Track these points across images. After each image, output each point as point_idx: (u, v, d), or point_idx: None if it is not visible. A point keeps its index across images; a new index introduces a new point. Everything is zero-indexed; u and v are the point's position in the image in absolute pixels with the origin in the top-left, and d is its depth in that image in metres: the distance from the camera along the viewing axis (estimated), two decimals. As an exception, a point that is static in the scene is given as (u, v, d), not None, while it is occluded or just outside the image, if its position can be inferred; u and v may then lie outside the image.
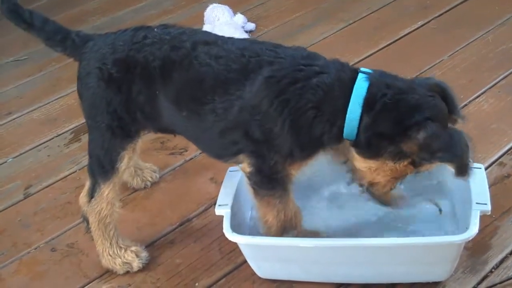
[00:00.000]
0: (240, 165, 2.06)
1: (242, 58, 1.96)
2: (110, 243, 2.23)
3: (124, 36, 2.10)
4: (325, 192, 2.40)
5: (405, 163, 1.89)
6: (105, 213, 2.19)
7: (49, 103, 3.37)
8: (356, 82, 1.87)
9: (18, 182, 2.83)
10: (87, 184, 2.24)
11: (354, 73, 1.91)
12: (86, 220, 2.28)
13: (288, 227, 2.09)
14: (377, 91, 1.85)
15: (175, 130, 2.17)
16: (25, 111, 3.34)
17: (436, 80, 1.95)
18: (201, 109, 1.99)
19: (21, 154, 3.02)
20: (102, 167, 2.14)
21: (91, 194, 2.19)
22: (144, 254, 2.27)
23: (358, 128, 1.87)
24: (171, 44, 2.02)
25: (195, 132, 2.10)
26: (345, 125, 1.87)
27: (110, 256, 2.24)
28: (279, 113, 1.90)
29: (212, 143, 2.08)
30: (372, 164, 1.93)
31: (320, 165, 2.21)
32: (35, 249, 2.46)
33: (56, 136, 3.10)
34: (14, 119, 3.30)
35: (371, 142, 1.88)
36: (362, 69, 1.93)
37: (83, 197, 2.28)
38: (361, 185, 2.06)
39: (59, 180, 2.81)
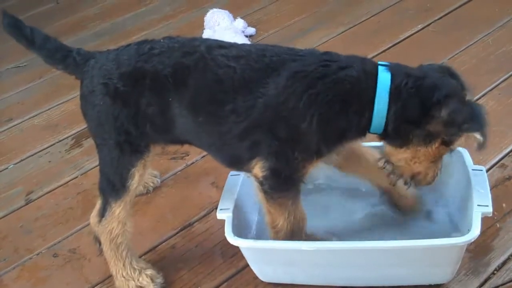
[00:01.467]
0: (251, 172, 2.03)
1: (264, 58, 1.96)
2: (123, 264, 2.17)
3: (127, 50, 2.07)
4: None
5: (436, 144, 1.93)
6: (116, 233, 2.14)
7: (50, 109, 3.38)
8: (379, 74, 1.91)
9: (19, 188, 2.84)
10: (98, 203, 2.18)
11: (375, 65, 1.95)
12: (98, 240, 2.24)
13: (296, 231, 2.08)
14: (400, 81, 1.90)
15: (187, 140, 2.13)
16: (26, 117, 3.35)
17: (438, 64, 2.06)
18: (220, 111, 1.96)
19: (22, 160, 3.03)
20: (112, 185, 2.10)
21: (102, 214, 2.14)
22: (160, 280, 2.20)
23: (386, 118, 1.90)
24: (182, 51, 2.01)
25: (210, 139, 2.05)
26: (374, 115, 1.90)
27: (124, 278, 2.17)
28: (308, 108, 1.89)
29: (229, 148, 2.03)
30: (405, 154, 1.97)
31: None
32: (37, 255, 2.47)
33: (57, 142, 3.11)
34: (15, 125, 3.30)
35: (399, 130, 1.91)
36: (380, 62, 1.98)
37: (94, 216, 2.23)
38: (406, 182, 2.07)
39: (60, 186, 2.81)
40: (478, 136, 1.87)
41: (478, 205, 2.01)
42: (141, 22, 4.19)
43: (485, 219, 2.01)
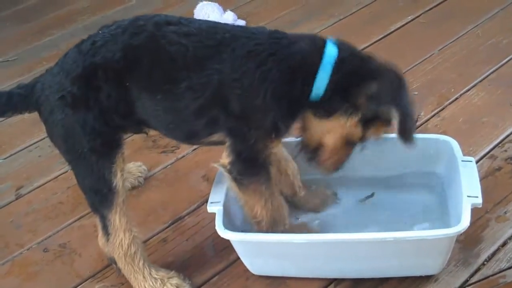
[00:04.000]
0: (219, 162, 2.04)
1: (215, 35, 1.96)
2: (143, 276, 2.11)
3: (69, 57, 2.01)
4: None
5: (355, 119, 1.93)
6: (127, 243, 2.08)
7: (39, 103, 3.36)
8: (327, 48, 1.94)
9: (9, 183, 2.82)
10: (98, 224, 2.14)
11: (324, 40, 1.98)
12: (113, 261, 2.19)
13: (278, 219, 2.09)
14: (346, 57, 1.94)
15: (147, 121, 2.07)
16: (15, 112, 3.32)
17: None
18: (176, 88, 1.94)
19: (11, 155, 3.01)
20: (100, 194, 2.04)
21: (106, 232, 2.09)
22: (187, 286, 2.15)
23: (325, 88, 1.92)
24: (129, 33, 1.97)
25: (168, 116, 2.02)
26: (315, 82, 1.91)
27: None
28: (261, 84, 1.90)
29: (187, 124, 2.02)
30: (324, 124, 1.98)
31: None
32: (27, 249, 2.46)
33: (47, 137, 3.06)
34: (4, 119, 3.28)
35: (331, 100, 1.93)
36: (329, 37, 2.01)
37: (100, 238, 2.19)
38: (306, 152, 2.07)
39: (50, 181, 2.80)
40: (395, 114, 1.87)
41: (468, 196, 2.01)
42: (131, 15, 4.06)
43: (475, 210, 2.02)
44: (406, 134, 1.89)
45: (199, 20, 2.07)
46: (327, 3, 3.92)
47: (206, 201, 2.19)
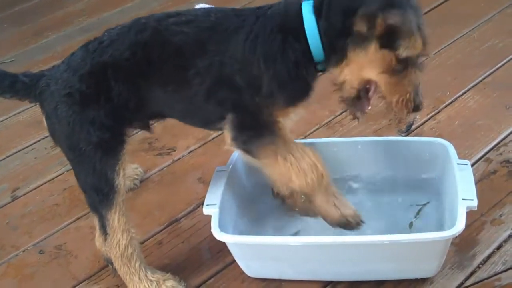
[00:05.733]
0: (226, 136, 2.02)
1: (209, 16, 1.99)
2: (139, 278, 2.11)
3: (76, 55, 2.03)
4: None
5: (373, 46, 1.84)
6: (124, 244, 2.08)
7: (35, 105, 3.34)
8: (302, 2, 1.92)
9: (5, 185, 2.82)
10: (96, 223, 2.14)
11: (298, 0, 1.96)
12: (109, 261, 2.20)
13: (308, 171, 1.96)
14: (321, 0, 1.89)
15: (161, 112, 2.11)
16: (11, 114, 3.33)
17: None
18: (186, 77, 1.96)
19: (7, 156, 3.01)
20: (100, 192, 2.03)
21: (104, 231, 2.09)
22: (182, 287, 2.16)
23: (321, 40, 1.88)
24: (134, 31, 1.99)
25: (182, 105, 2.05)
26: (308, 37, 1.89)
27: None
28: (253, 52, 1.91)
29: (199, 110, 2.04)
30: (349, 65, 1.90)
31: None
32: (23, 251, 2.46)
33: (43, 138, 3.09)
34: (0, 121, 3.29)
35: (335, 46, 1.88)
36: None
37: (98, 238, 2.20)
38: (353, 103, 1.98)
39: (46, 182, 2.80)
40: (392, 18, 1.79)
41: (463, 199, 2.01)
42: (128, 17, 4.16)
43: (470, 213, 2.02)
44: (411, 28, 1.81)
45: (196, 9, 2.09)
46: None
47: (202, 203, 2.18)
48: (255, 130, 1.98)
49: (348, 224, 2.02)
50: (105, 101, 1.98)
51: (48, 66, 3.25)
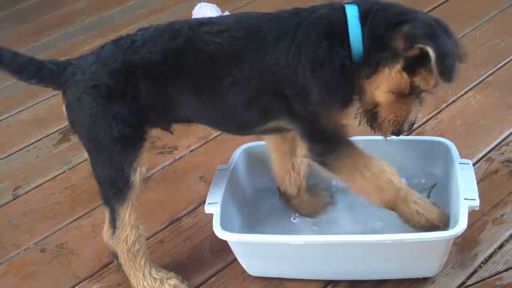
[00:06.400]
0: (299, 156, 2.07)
1: (242, 24, 1.98)
2: (143, 274, 2.12)
3: (107, 49, 2.03)
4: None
5: (398, 67, 1.89)
6: (132, 240, 2.08)
7: (37, 103, 3.37)
8: (346, 6, 1.94)
9: (6, 183, 2.83)
10: (106, 216, 2.15)
11: (341, 3, 1.98)
12: (114, 255, 2.20)
13: (394, 196, 2.01)
14: (367, 7, 1.92)
15: (189, 117, 2.11)
16: (13, 112, 3.33)
17: None
18: (221, 86, 1.97)
19: (9, 155, 3.01)
20: (115, 186, 2.03)
21: (114, 225, 2.08)
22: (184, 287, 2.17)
23: (362, 44, 1.90)
24: (167, 36, 2.00)
25: (215, 113, 2.06)
26: (351, 40, 1.90)
27: None
28: (297, 60, 1.91)
29: (236, 117, 2.04)
30: (372, 81, 1.93)
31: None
32: (25, 250, 2.46)
33: (45, 137, 3.10)
34: (2, 120, 3.29)
35: (371, 54, 1.90)
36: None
37: (106, 231, 2.20)
38: (365, 114, 2.02)
39: (48, 181, 2.80)
40: (430, 51, 1.81)
41: (465, 199, 2.01)
42: (129, 16, 4.18)
43: (472, 213, 2.02)
44: (445, 70, 1.83)
45: (226, 16, 2.08)
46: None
47: (204, 202, 2.19)
48: (329, 140, 1.99)
49: (436, 228, 2.04)
50: (131, 99, 1.99)
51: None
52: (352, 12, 1.92)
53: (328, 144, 1.99)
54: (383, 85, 1.93)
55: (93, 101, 1.99)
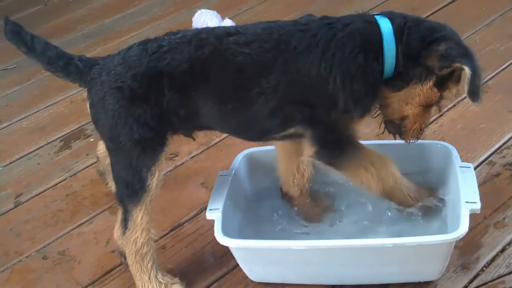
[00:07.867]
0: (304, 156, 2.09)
1: (271, 35, 1.99)
2: (149, 277, 2.13)
3: (133, 51, 2.05)
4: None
5: (430, 83, 1.97)
6: (141, 242, 2.09)
7: (38, 111, 3.37)
8: (378, 20, 1.98)
9: (8, 191, 2.83)
10: (119, 215, 2.15)
11: (372, 16, 2.03)
12: (122, 255, 2.20)
13: (392, 185, 2.12)
14: (400, 22, 1.98)
15: (210, 125, 2.14)
16: (14, 120, 3.33)
17: None
18: (247, 96, 1.98)
19: (11, 162, 3.02)
20: (131, 188, 2.05)
21: (125, 225, 2.10)
22: None
23: (396, 59, 1.95)
24: (194, 45, 2.00)
25: (239, 122, 2.08)
26: (385, 56, 1.94)
27: None
28: (329, 71, 1.94)
29: (258, 125, 2.07)
30: (401, 94, 2.01)
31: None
32: (27, 257, 2.46)
33: (46, 144, 3.10)
34: (3, 128, 3.29)
35: (404, 70, 1.96)
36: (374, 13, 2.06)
37: (117, 229, 2.20)
38: (389, 125, 2.12)
39: (49, 188, 2.81)
40: (467, 70, 1.89)
41: (466, 202, 2.02)
42: (129, 23, 4.19)
43: (473, 216, 2.02)
44: (476, 90, 1.91)
45: (253, 24, 2.09)
46: (324, 11, 3.86)
47: (205, 208, 2.19)
48: (337, 144, 2.05)
49: (429, 209, 2.20)
50: (154, 104, 2.01)
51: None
52: (387, 28, 1.96)
53: (336, 147, 2.05)
54: (415, 100, 2.02)
55: (116, 102, 2.01)
